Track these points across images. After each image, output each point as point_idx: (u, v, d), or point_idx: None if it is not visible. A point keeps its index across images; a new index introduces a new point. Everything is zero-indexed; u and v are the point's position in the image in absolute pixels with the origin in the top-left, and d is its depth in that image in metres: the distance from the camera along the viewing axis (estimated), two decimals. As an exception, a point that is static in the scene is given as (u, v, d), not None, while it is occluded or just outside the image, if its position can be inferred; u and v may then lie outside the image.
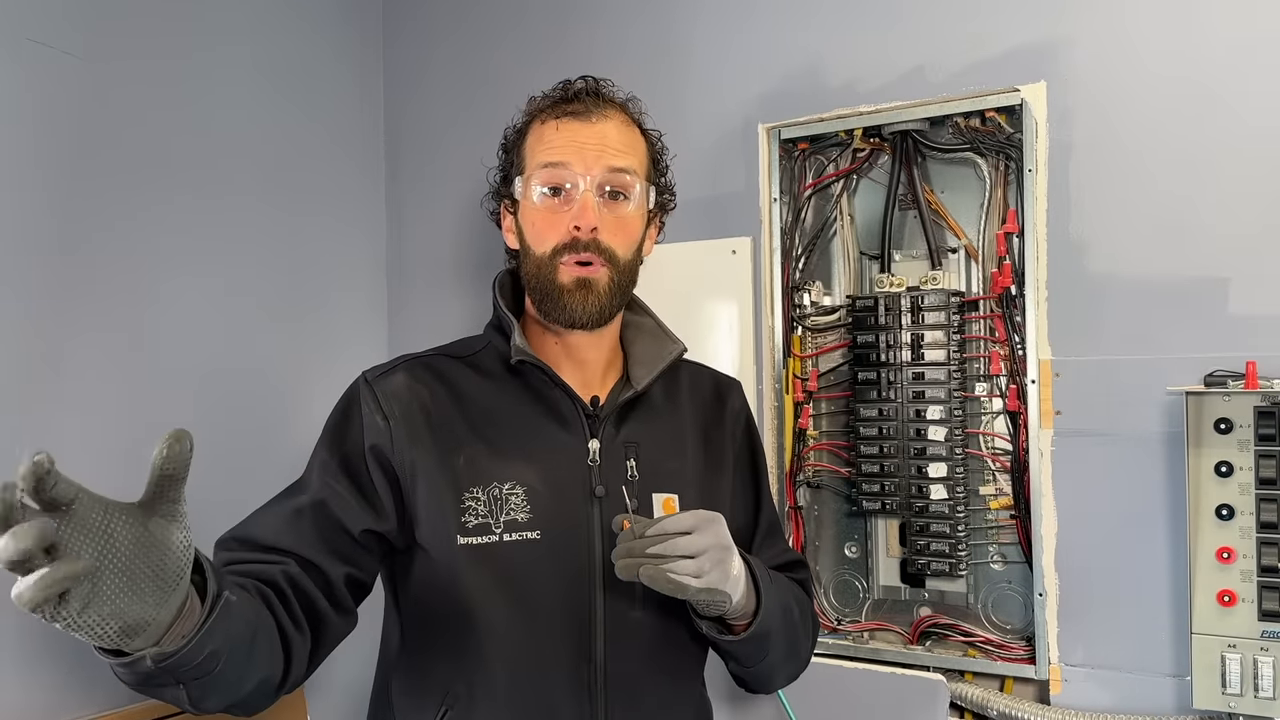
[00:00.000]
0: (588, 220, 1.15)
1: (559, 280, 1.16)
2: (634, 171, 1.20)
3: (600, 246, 1.16)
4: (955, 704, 1.57)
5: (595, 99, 1.21)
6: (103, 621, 0.78)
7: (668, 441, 1.25)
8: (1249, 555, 1.34)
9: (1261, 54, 1.43)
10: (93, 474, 1.65)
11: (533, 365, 1.18)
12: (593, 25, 1.99)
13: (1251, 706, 1.33)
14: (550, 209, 1.18)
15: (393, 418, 1.15)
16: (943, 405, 1.60)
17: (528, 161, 1.21)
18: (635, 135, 1.23)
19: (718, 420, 1.33)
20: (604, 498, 1.18)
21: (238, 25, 1.91)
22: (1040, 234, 1.56)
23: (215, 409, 1.83)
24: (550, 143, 1.19)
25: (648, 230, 1.25)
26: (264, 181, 1.95)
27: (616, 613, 1.16)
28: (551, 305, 1.17)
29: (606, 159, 1.17)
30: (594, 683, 1.15)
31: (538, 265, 1.18)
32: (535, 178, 1.19)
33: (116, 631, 0.79)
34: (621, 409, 1.22)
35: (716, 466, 1.30)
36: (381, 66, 2.24)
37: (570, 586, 1.15)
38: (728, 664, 1.25)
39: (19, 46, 1.56)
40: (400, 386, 1.18)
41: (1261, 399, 1.34)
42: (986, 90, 1.59)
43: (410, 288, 2.21)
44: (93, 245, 1.66)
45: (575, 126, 1.18)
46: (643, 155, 1.23)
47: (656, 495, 1.21)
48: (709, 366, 1.39)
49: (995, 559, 1.62)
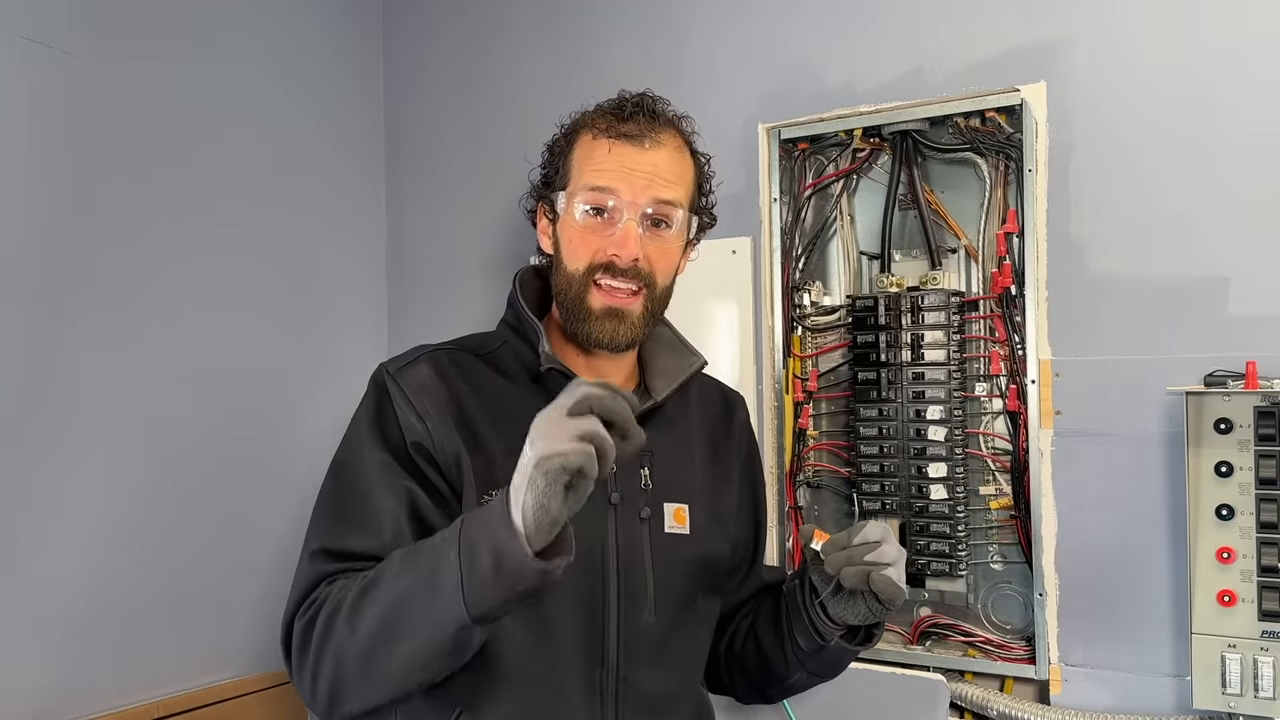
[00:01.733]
0: (629, 251, 1.15)
1: (589, 303, 1.16)
2: (680, 203, 1.19)
3: (640, 273, 1.16)
4: (955, 704, 1.57)
5: (652, 121, 1.19)
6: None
7: (679, 451, 1.26)
8: (1249, 555, 1.34)
9: (1262, 54, 1.43)
10: (94, 471, 1.66)
11: (559, 373, 1.16)
12: (593, 25, 1.99)
13: (1251, 706, 1.33)
14: (591, 229, 1.17)
15: (427, 416, 1.14)
16: (943, 405, 1.60)
17: (574, 177, 1.19)
18: (686, 163, 1.22)
19: (726, 433, 1.34)
20: (618, 505, 1.18)
21: (238, 26, 1.91)
22: (1040, 234, 1.56)
23: (217, 409, 1.83)
24: (600, 164, 1.17)
25: (685, 253, 1.26)
26: (263, 182, 1.95)
27: (630, 617, 1.16)
28: (579, 326, 1.17)
29: (655, 190, 1.16)
30: (606, 686, 1.15)
31: (569, 281, 1.18)
32: (580, 196, 1.17)
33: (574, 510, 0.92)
34: (638, 418, 1.22)
35: (724, 478, 1.31)
36: (381, 66, 2.24)
37: (585, 591, 1.15)
38: (790, 676, 1.27)
39: (16, 46, 1.56)
40: (427, 380, 1.17)
41: (1261, 399, 1.34)
42: (986, 90, 1.59)
43: (410, 288, 2.21)
44: (92, 246, 1.66)
45: (627, 151, 1.17)
46: (690, 183, 1.22)
47: (668, 505, 1.22)
48: (715, 378, 1.39)
49: (995, 559, 1.62)
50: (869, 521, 1.14)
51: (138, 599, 1.69)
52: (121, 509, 1.67)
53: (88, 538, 1.62)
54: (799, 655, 1.23)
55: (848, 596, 1.15)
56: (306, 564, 1.11)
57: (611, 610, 1.15)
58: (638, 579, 1.17)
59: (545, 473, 0.89)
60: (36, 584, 1.56)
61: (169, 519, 1.74)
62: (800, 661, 1.24)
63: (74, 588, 1.61)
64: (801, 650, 1.23)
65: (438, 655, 0.99)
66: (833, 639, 1.19)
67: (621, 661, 1.16)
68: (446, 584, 0.95)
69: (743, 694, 1.38)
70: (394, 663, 0.99)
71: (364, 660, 1.01)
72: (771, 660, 1.28)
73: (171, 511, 1.74)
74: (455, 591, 0.94)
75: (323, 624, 1.04)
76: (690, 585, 1.23)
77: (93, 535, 1.63)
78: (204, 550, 1.79)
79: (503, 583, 0.92)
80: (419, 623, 0.97)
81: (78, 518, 1.61)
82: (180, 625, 1.76)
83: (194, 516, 1.78)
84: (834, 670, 1.27)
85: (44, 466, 1.57)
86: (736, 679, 1.35)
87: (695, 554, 1.23)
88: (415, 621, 0.97)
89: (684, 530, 1.22)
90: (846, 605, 1.16)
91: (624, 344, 1.18)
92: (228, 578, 1.82)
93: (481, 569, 0.93)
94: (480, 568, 0.93)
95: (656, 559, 1.19)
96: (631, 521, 1.18)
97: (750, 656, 1.31)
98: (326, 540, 1.11)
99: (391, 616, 0.99)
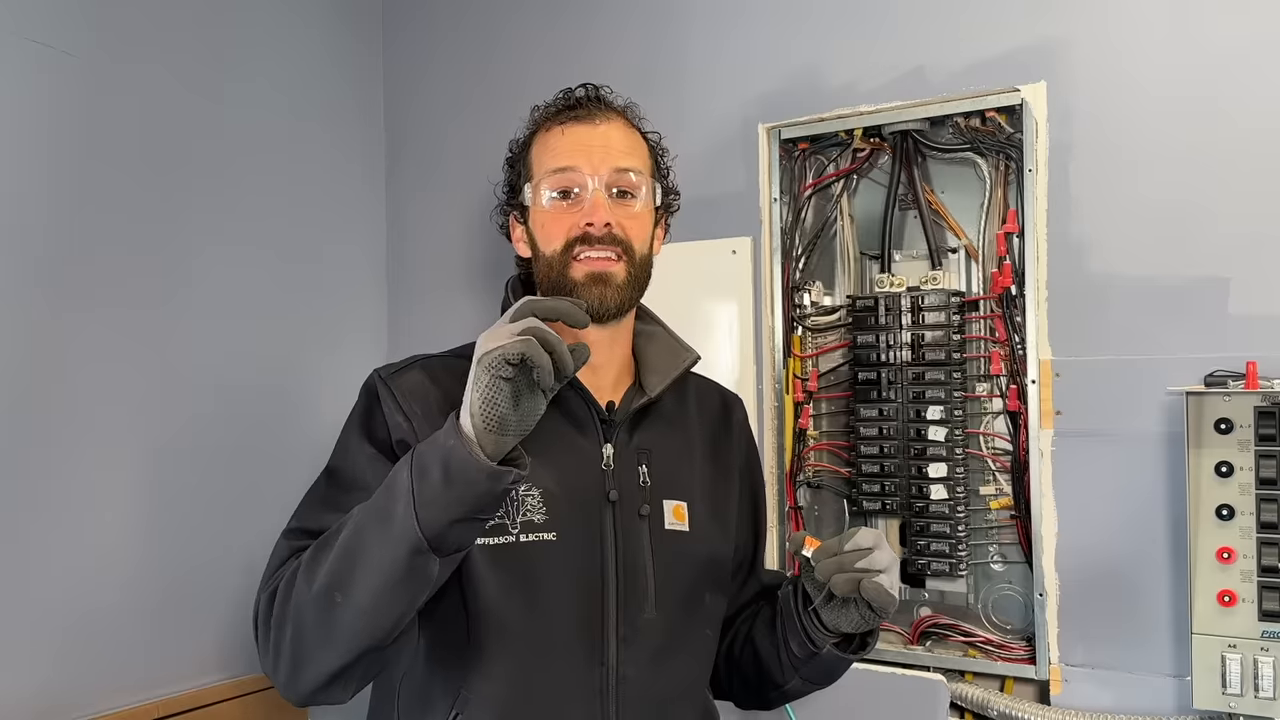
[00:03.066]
0: (600, 217, 1.16)
1: (572, 274, 1.17)
2: (639, 171, 1.21)
3: (616, 238, 1.17)
4: (955, 704, 1.57)
5: (597, 104, 1.23)
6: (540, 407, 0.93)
7: (678, 450, 1.26)
8: (1249, 555, 1.34)
9: (1262, 54, 1.43)
10: (97, 469, 1.66)
11: None
12: (593, 25, 1.99)
13: (1251, 706, 1.33)
14: (560, 211, 1.19)
15: (414, 416, 1.15)
16: (943, 405, 1.60)
17: (535, 169, 1.22)
18: (637, 138, 1.25)
19: (725, 432, 1.34)
20: (617, 502, 1.18)
21: (238, 27, 1.91)
22: (1040, 234, 1.56)
23: (217, 411, 1.83)
24: (556, 148, 1.20)
25: (655, 230, 1.26)
26: (264, 182, 1.95)
27: (629, 616, 1.16)
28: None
29: (612, 159, 1.19)
30: (606, 685, 1.15)
31: (549, 265, 1.19)
32: (544, 183, 1.20)
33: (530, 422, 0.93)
34: (635, 415, 1.23)
35: (724, 478, 1.31)
36: (381, 67, 2.23)
37: (584, 589, 1.15)
38: (786, 682, 1.26)
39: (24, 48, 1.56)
40: (416, 384, 1.18)
41: (1261, 399, 1.34)
42: (986, 90, 1.59)
43: (411, 289, 2.21)
44: (92, 247, 1.66)
45: (580, 130, 1.20)
46: (645, 156, 1.25)
47: (667, 502, 1.22)
48: (712, 380, 1.40)
49: (995, 559, 1.62)
50: (860, 528, 1.14)
51: (138, 599, 1.69)
52: (123, 510, 1.67)
53: (89, 538, 1.62)
54: (793, 662, 1.23)
55: (840, 604, 1.15)
56: (282, 542, 1.12)
57: (611, 608, 1.15)
58: (637, 577, 1.17)
59: (487, 367, 0.91)
60: (37, 584, 1.56)
61: (169, 519, 1.74)
62: (794, 668, 1.24)
63: (74, 588, 1.61)
64: (795, 657, 1.23)
65: (393, 590, 0.96)
66: (825, 647, 1.19)
67: (622, 660, 1.15)
68: (399, 506, 0.94)
69: (741, 699, 1.38)
70: (349, 608, 0.97)
71: (321, 609, 0.98)
72: (768, 666, 1.28)
73: (172, 512, 1.74)
74: (408, 509, 0.93)
75: (284, 587, 1.04)
76: (692, 582, 1.23)
77: (94, 536, 1.63)
78: (204, 551, 1.79)
79: (452, 491, 0.92)
80: (373, 556, 0.96)
81: (80, 518, 1.61)
82: (181, 625, 1.76)
83: (194, 517, 1.78)
84: (829, 678, 1.27)
85: (45, 467, 1.57)
86: (735, 684, 1.35)
87: (696, 551, 1.23)
88: (369, 555, 0.96)
89: (684, 527, 1.22)
90: (840, 613, 1.15)
91: (612, 308, 1.18)
92: (228, 579, 1.82)
93: (431, 479, 0.93)
94: (430, 479, 0.93)
95: (656, 556, 1.19)
96: (630, 519, 1.18)
97: (748, 662, 1.31)
98: (304, 520, 1.12)
99: (347, 554, 0.97)
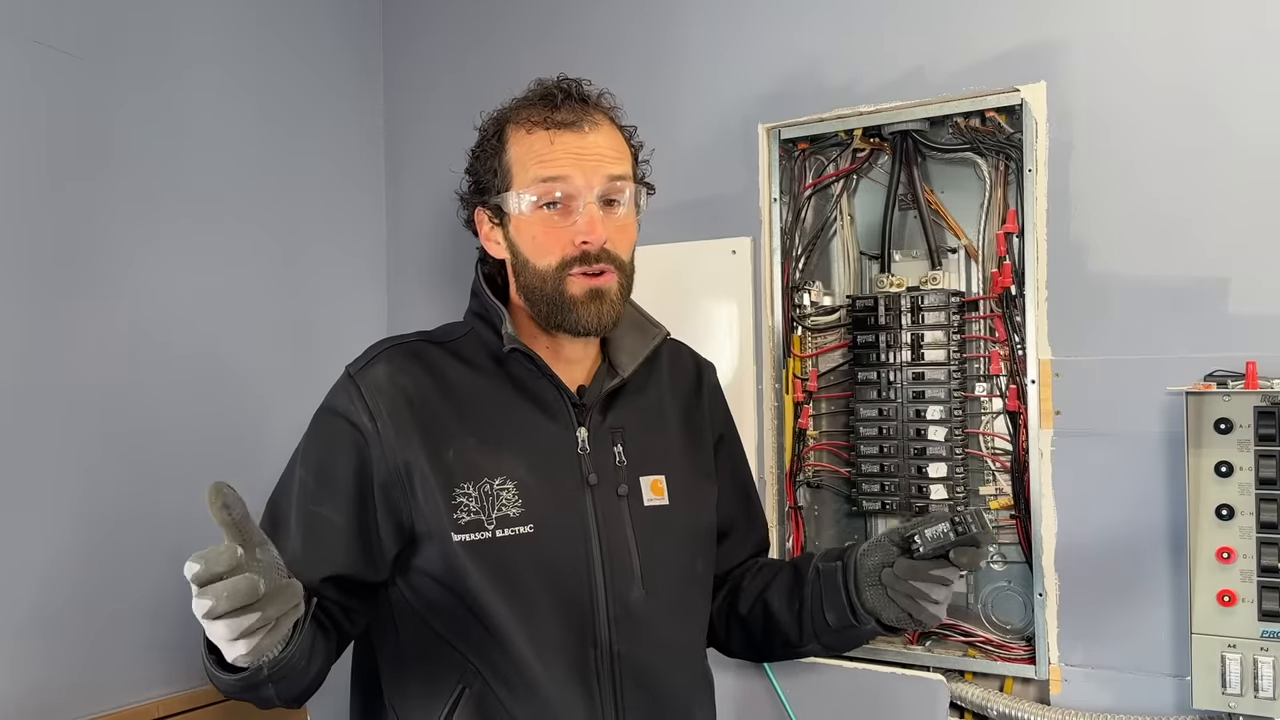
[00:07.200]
0: (598, 235, 1.16)
1: (570, 292, 1.17)
2: (629, 176, 1.21)
3: (610, 255, 1.17)
4: (955, 704, 1.57)
5: (583, 106, 1.20)
6: (271, 647, 0.96)
7: (651, 421, 1.28)
8: (1249, 555, 1.34)
9: (1262, 54, 1.43)
10: (96, 473, 1.66)
11: (522, 355, 1.19)
12: (592, 25, 1.99)
13: (1251, 706, 1.33)
14: (551, 222, 1.17)
15: (379, 417, 1.15)
16: (943, 405, 1.60)
17: (517, 174, 1.19)
18: (621, 138, 1.24)
19: (696, 397, 1.36)
20: (596, 485, 1.19)
21: (238, 28, 1.91)
22: (1040, 234, 1.56)
23: (217, 410, 1.83)
24: (545, 156, 1.17)
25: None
26: (264, 183, 1.95)
27: (618, 595, 1.18)
28: (563, 317, 1.18)
29: (605, 168, 1.18)
30: (601, 667, 1.16)
31: (542, 279, 1.18)
32: (532, 191, 1.17)
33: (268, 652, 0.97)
34: (606, 395, 1.24)
35: (699, 443, 1.33)
36: (381, 68, 2.24)
37: (569, 575, 1.16)
38: (803, 645, 1.30)
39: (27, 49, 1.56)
40: (383, 379, 1.18)
41: (1261, 399, 1.34)
42: (986, 90, 1.59)
43: (410, 289, 2.21)
44: (93, 246, 1.66)
45: (569, 138, 1.17)
46: (629, 156, 1.24)
47: (644, 478, 1.24)
48: (687, 345, 1.41)
49: (995, 559, 1.62)
50: (956, 574, 1.17)
51: (138, 599, 1.69)
52: (122, 509, 1.67)
53: (89, 538, 1.62)
54: (816, 629, 1.26)
55: (887, 597, 1.19)
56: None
57: (599, 591, 1.17)
58: (622, 556, 1.19)
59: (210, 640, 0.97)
60: (35, 584, 1.56)
61: (169, 519, 1.74)
62: (816, 634, 1.27)
63: (74, 588, 1.61)
64: (826, 626, 1.25)
65: (260, 698, 1.06)
66: (869, 624, 1.22)
67: (615, 640, 1.17)
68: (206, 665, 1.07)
69: (739, 651, 1.40)
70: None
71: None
72: (783, 628, 1.30)
73: (171, 512, 1.74)
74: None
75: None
76: (678, 554, 1.25)
77: (95, 536, 1.63)
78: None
79: (224, 688, 1.05)
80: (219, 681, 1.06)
81: (79, 518, 1.61)
82: (181, 625, 1.76)
83: (194, 516, 1.78)
84: (850, 647, 1.31)
85: (39, 464, 1.57)
86: (735, 637, 1.37)
87: (678, 523, 1.25)
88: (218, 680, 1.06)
89: (663, 501, 1.24)
90: (886, 604, 1.20)
91: (609, 324, 1.19)
92: (228, 578, 1.82)
93: (210, 672, 1.06)
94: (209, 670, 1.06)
95: (639, 534, 1.21)
96: (609, 500, 1.20)
97: (756, 620, 1.33)
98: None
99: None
